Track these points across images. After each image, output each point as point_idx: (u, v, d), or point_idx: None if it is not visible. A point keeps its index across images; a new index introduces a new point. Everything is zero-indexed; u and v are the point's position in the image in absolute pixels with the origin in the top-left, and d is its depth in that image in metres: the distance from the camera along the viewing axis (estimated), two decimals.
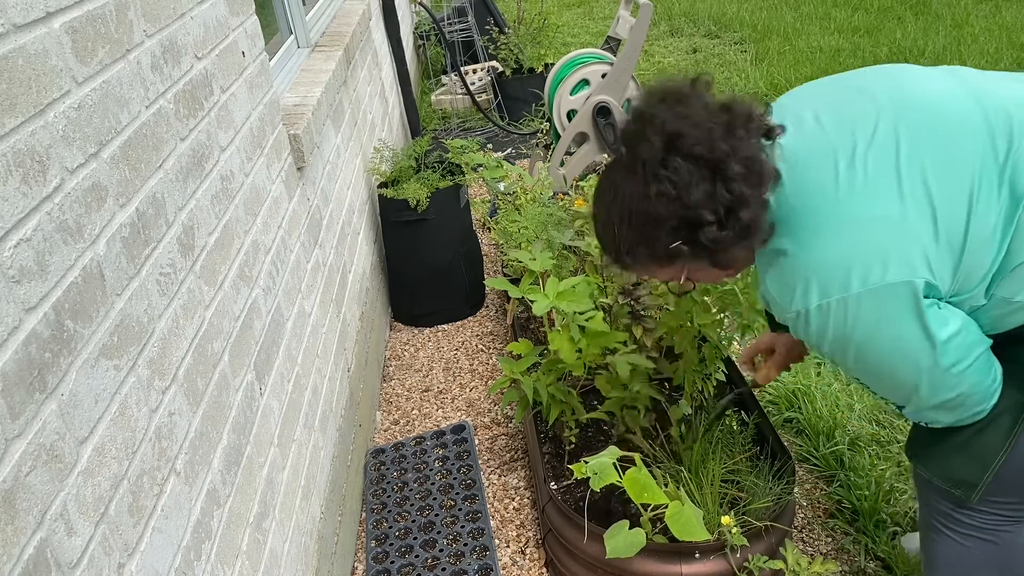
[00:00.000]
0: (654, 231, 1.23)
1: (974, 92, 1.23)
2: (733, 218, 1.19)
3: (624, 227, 1.27)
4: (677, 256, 1.26)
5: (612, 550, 1.63)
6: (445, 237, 3.09)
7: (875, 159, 1.19)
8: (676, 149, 1.19)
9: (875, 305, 1.18)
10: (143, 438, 1.10)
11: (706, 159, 1.18)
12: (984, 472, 1.30)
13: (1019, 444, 1.27)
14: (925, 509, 1.49)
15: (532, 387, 2.09)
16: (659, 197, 1.19)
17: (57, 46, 1.00)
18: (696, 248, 1.23)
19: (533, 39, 5.71)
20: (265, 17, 2.34)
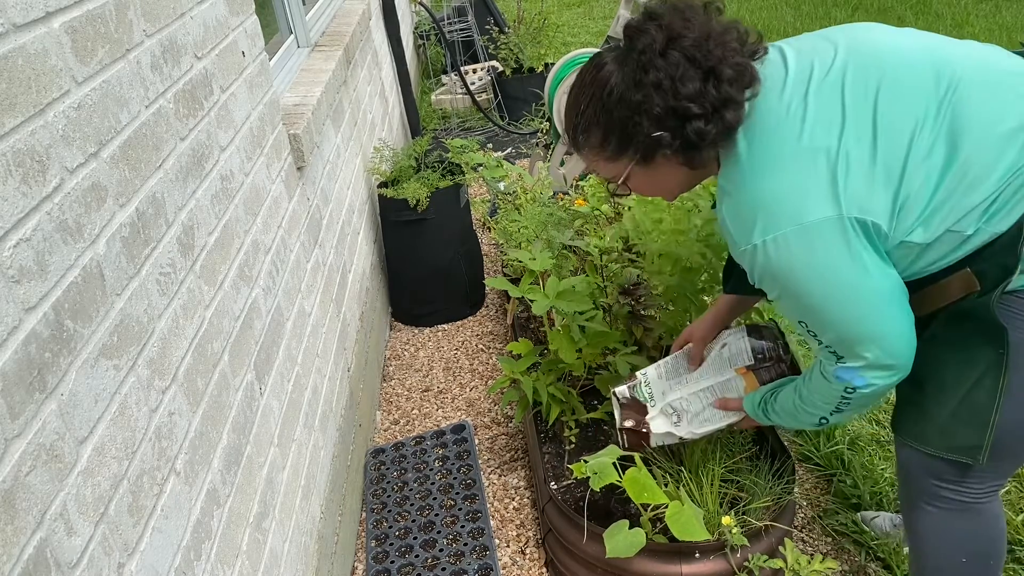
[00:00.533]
0: (636, 117, 1.26)
1: (927, 45, 1.30)
2: (718, 117, 1.25)
3: (595, 109, 1.30)
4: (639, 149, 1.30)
5: (612, 550, 1.63)
6: (445, 237, 3.09)
7: (825, 92, 1.25)
8: (676, 46, 1.25)
9: (807, 242, 1.22)
10: (143, 438, 1.10)
11: (700, 60, 1.24)
12: (985, 430, 1.33)
13: (1008, 399, 1.30)
14: (913, 490, 1.51)
15: (532, 387, 2.09)
16: (653, 86, 1.24)
17: (57, 46, 1.00)
18: (678, 141, 1.26)
19: (533, 39, 5.71)
20: (265, 17, 2.34)
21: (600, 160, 1.37)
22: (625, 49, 1.30)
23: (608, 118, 1.30)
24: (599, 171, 1.41)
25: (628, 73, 1.27)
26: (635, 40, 1.28)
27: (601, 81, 1.29)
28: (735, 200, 1.29)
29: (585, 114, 1.33)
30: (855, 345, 1.28)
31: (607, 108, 1.29)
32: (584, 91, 1.33)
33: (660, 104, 1.24)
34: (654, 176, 1.36)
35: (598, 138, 1.33)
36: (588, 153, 1.38)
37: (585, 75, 1.34)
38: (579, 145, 1.38)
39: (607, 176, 1.41)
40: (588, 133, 1.34)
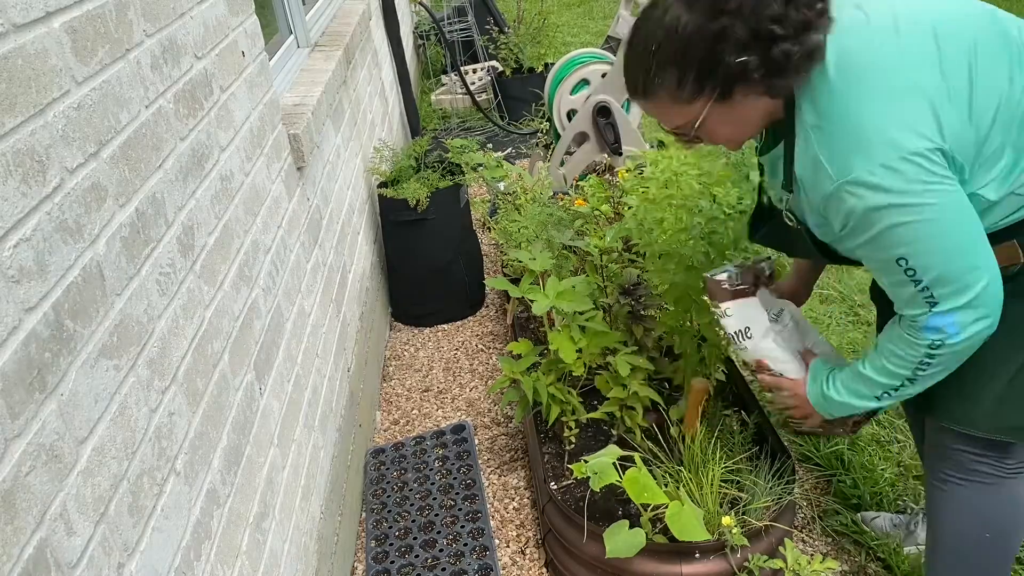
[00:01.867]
0: (719, 46, 1.23)
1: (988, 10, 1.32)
2: (803, 37, 1.22)
3: (669, 49, 1.26)
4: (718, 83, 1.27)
5: (612, 550, 1.63)
6: (445, 237, 3.09)
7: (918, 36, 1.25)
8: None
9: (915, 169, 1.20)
10: (143, 438, 1.10)
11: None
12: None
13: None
14: (949, 465, 1.53)
15: (532, 387, 2.09)
16: (733, 13, 1.21)
17: (57, 46, 1.00)
18: (764, 66, 1.24)
19: (533, 39, 5.71)
20: (265, 17, 2.34)
21: (674, 105, 1.32)
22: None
23: (684, 54, 1.26)
24: (671, 119, 1.37)
25: (702, 5, 1.23)
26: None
27: (671, 22, 1.25)
28: (828, 133, 1.26)
29: (657, 56, 1.28)
30: (965, 274, 1.25)
31: (682, 45, 1.25)
32: (652, 35, 1.29)
33: (742, 29, 1.21)
34: (731, 113, 1.32)
35: (674, 79, 1.28)
36: (661, 99, 1.33)
37: (648, 22, 1.30)
38: (651, 92, 1.32)
39: (680, 122, 1.36)
40: (662, 76, 1.29)
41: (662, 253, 2.11)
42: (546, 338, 2.10)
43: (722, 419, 2.01)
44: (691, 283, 2.06)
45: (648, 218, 2.16)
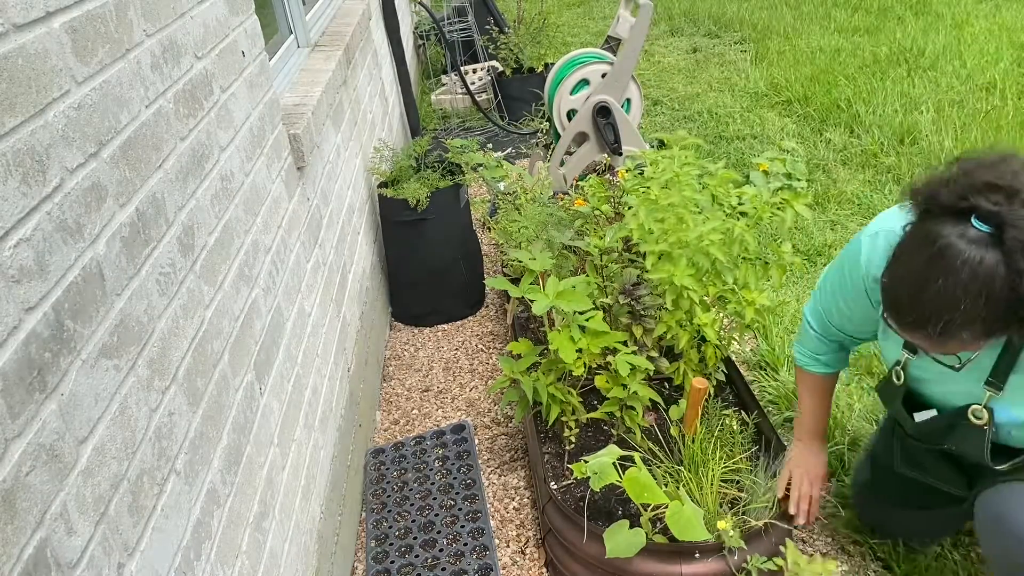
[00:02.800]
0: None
1: None
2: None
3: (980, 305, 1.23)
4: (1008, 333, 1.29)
5: (612, 550, 1.63)
6: (445, 237, 3.09)
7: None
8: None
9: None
10: (143, 438, 1.10)
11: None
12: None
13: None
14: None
15: (532, 387, 2.09)
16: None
17: (57, 46, 1.00)
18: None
19: (533, 39, 5.71)
20: (265, 17, 2.34)
21: (962, 347, 1.33)
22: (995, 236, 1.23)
23: (991, 315, 1.24)
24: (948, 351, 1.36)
25: (1018, 266, 1.20)
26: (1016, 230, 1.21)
27: (987, 277, 1.22)
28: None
29: (968, 312, 1.24)
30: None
31: (995, 304, 1.23)
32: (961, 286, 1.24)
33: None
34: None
35: (978, 332, 1.27)
36: (951, 344, 1.31)
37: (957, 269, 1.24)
38: (946, 338, 1.29)
39: (955, 351, 1.37)
40: (967, 328, 1.27)
41: (661, 254, 2.12)
42: (546, 338, 2.10)
43: (722, 419, 2.01)
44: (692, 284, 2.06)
45: (650, 219, 2.16)
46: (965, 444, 1.54)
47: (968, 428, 1.51)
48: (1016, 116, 4.20)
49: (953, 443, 1.56)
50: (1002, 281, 1.21)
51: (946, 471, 1.68)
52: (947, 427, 1.55)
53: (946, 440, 1.57)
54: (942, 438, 1.58)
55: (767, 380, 2.58)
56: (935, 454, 1.70)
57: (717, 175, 2.32)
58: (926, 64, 5.19)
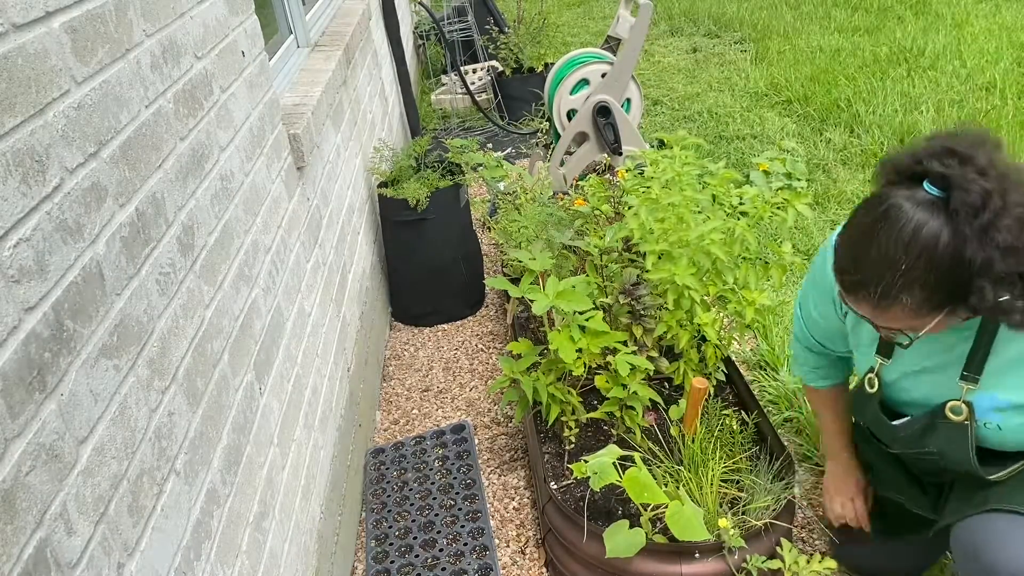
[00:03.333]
0: (979, 281, 1.20)
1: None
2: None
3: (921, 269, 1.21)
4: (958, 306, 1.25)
5: (612, 550, 1.63)
6: (445, 237, 3.09)
7: None
8: (1010, 203, 1.18)
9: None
10: (143, 438, 1.10)
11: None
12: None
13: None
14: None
15: (532, 387, 2.09)
16: (1003, 249, 1.18)
17: (57, 46, 1.00)
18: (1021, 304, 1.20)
19: (533, 39, 5.71)
20: (265, 17, 2.34)
21: (905, 317, 1.29)
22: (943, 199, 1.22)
23: (939, 278, 1.22)
24: (891, 323, 1.32)
25: (965, 231, 1.19)
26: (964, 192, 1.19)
27: (930, 239, 1.20)
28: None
29: (908, 273, 1.22)
30: None
31: (939, 268, 1.21)
32: (902, 246, 1.22)
33: (1006, 269, 1.18)
34: (946, 323, 1.30)
35: (919, 298, 1.24)
36: (895, 310, 1.28)
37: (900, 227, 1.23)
38: (887, 303, 1.27)
39: (900, 327, 1.33)
40: (907, 292, 1.24)
41: (661, 254, 2.12)
42: (546, 338, 2.10)
43: (722, 419, 2.01)
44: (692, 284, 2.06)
45: (650, 219, 2.16)
46: (948, 446, 1.47)
47: (949, 427, 1.45)
48: (1016, 116, 4.20)
49: (935, 446, 1.49)
50: (945, 245, 1.20)
51: (915, 493, 1.65)
52: (926, 428, 1.49)
53: (927, 443, 1.50)
54: (922, 441, 1.51)
55: (767, 380, 2.58)
56: (903, 476, 1.69)
57: (718, 175, 2.32)
58: (926, 64, 5.19)
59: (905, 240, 1.22)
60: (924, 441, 1.51)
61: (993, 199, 1.18)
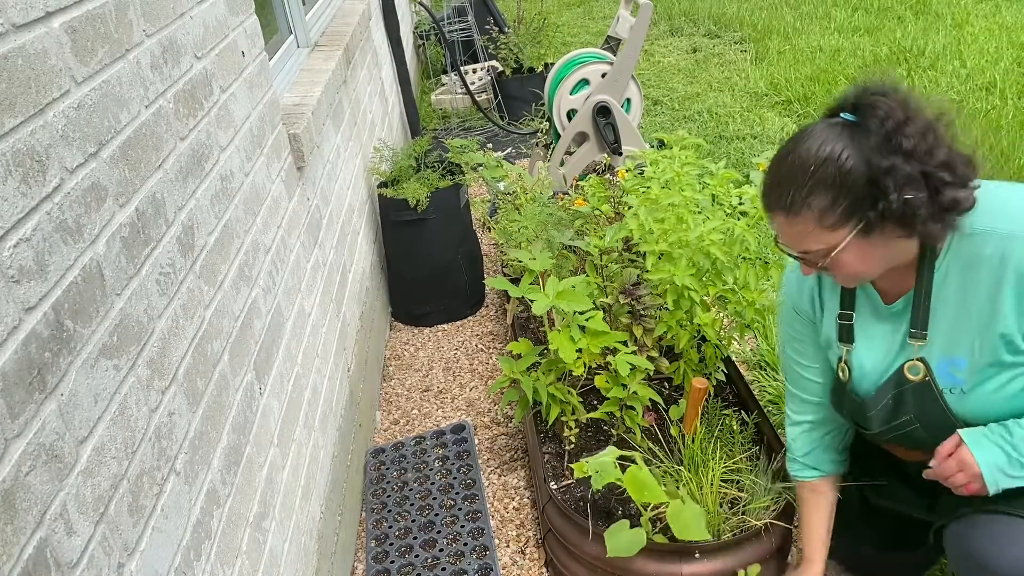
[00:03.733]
0: (885, 181, 1.27)
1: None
2: (966, 189, 1.29)
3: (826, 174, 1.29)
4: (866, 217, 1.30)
5: (613, 549, 1.63)
6: (445, 237, 3.09)
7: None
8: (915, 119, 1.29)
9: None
10: (143, 438, 1.10)
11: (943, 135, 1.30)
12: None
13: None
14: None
15: (532, 387, 2.09)
16: (904, 153, 1.26)
17: (57, 46, 1.00)
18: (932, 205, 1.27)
19: (533, 39, 5.72)
20: (265, 17, 2.34)
21: (815, 229, 1.34)
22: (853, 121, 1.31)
23: (844, 181, 1.29)
24: (806, 242, 1.37)
25: (871, 140, 1.28)
26: (872, 109, 1.29)
27: (835, 149, 1.30)
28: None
29: (816, 175, 1.30)
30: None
31: (844, 172, 1.29)
32: (812, 155, 1.31)
33: (912, 169, 1.26)
34: (868, 249, 1.35)
35: (826, 202, 1.31)
36: (805, 220, 1.34)
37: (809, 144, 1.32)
38: (796, 210, 1.33)
39: (815, 248, 1.37)
40: (815, 195, 1.31)
41: (661, 254, 2.12)
42: (546, 338, 2.10)
43: (722, 419, 2.01)
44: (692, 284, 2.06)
45: (650, 219, 2.16)
46: (922, 409, 1.48)
47: (915, 390, 1.46)
48: (1016, 116, 4.20)
49: (910, 412, 1.50)
50: (851, 155, 1.29)
51: (906, 493, 1.64)
52: (897, 400, 1.50)
53: (902, 412, 1.51)
54: (897, 413, 1.52)
55: (767, 380, 2.58)
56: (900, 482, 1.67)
57: (718, 175, 2.32)
58: (926, 64, 5.19)
59: (814, 151, 1.32)
60: (899, 412, 1.52)
61: (896, 113, 1.28)
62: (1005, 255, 1.31)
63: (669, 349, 2.30)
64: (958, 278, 1.38)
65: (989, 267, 1.33)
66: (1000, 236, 1.32)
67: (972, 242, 1.35)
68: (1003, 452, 1.36)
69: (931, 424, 1.49)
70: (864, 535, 1.81)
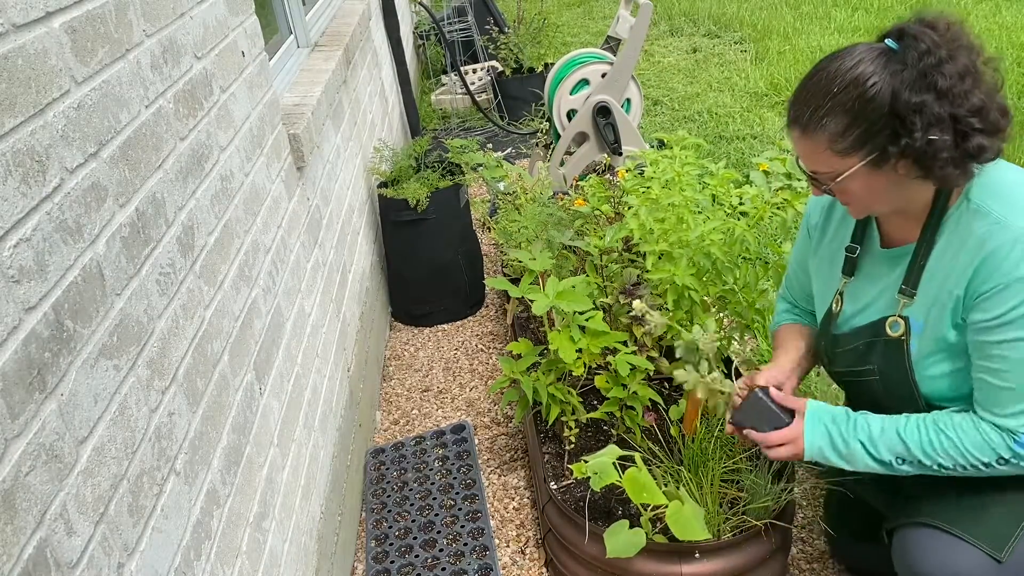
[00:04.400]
0: (912, 118, 1.24)
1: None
2: (995, 137, 1.27)
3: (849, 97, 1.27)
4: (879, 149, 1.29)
5: (612, 550, 1.63)
6: (445, 237, 3.09)
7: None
8: (958, 58, 1.25)
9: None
10: (143, 438, 1.10)
11: (982, 79, 1.26)
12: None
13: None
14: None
15: (532, 387, 2.09)
16: (938, 92, 1.23)
17: (57, 46, 1.00)
18: (956, 149, 1.26)
19: (533, 39, 5.72)
20: (265, 17, 2.34)
21: (826, 151, 1.32)
22: (895, 50, 1.28)
23: (864, 108, 1.27)
24: (816, 162, 1.36)
25: (905, 73, 1.25)
26: (915, 40, 1.26)
27: (866, 72, 1.27)
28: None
29: (836, 96, 1.28)
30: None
31: (866, 98, 1.26)
32: (839, 76, 1.29)
33: (939, 111, 1.23)
34: (877, 181, 1.33)
35: (841, 126, 1.29)
36: (818, 139, 1.32)
37: (843, 62, 1.30)
38: (810, 129, 1.32)
39: (824, 170, 1.36)
40: (832, 117, 1.29)
41: (661, 254, 2.12)
42: (546, 338, 2.10)
43: (722, 419, 2.01)
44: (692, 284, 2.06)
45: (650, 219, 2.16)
46: (887, 365, 1.49)
47: (887, 344, 1.46)
48: (1016, 116, 4.19)
49: (874, 363, 1.51)
50: (880, 82, 1.26)
51: (872, 488, 1.64)
52: (869, 346, 1.50)
53: (868, 360, 1.52)
54: (865, 359, 1.53)
55: None
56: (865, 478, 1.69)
57: (718, 175, 2.32)
58: None
59: (844, 71, 1.29)
60: (866, 359, 1.52)
61: (940, 50, 1.25)
62: (986, 241, 1.30)
63: (669, 349, 2.30)
64: (953, 247, 1.37)
65: (973, 246, 1.33)
66: (991, 220, 1.31)
67: (970, 217, 1.34)
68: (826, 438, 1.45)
69: (890, 380, 1.50)
70: (842, 523, 1.85)
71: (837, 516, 1.88)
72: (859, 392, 1.62)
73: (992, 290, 1.28)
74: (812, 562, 1.98)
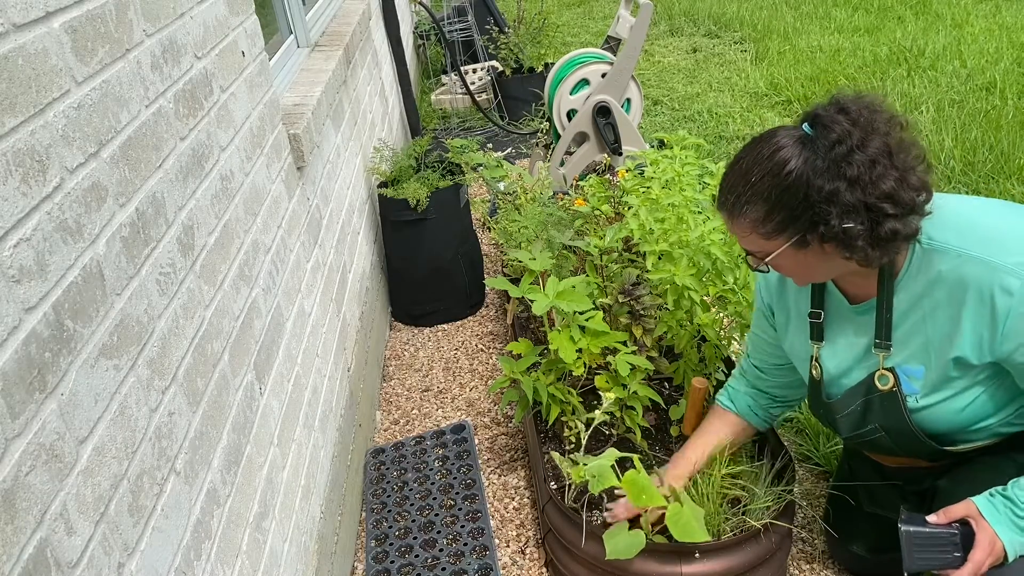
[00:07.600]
0: (825, 207, 1.27)
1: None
2: (908, 219, 1.29)
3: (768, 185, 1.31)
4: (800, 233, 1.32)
5: (612, 551, 1.63)
6: (445, 237, 3.09)
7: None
8: (871, 144, 1.28)
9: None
10: (143, 438, 1.10)
11: (895, 161, 1.28)
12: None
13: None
14: None
15: (532, 387, 2.09)
16: (850, 180, 1.26)
17: (57, 45, 1.00)
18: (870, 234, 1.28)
19: (533, 39, 5.72)
20: (265, 17, 2.34)
21: (752, 234, 1.38)
22: (810, 136, 1.32)
23: (781, 197, 1.31)
24: (745, 243, 1.42)
25: (818, 162, 1.28)
26: (826, 130, 1.29)
27: (781, 161, 1.31)
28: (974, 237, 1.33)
29: (755, 186, 1.33)
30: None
31: (782, 187, 1.30)
32: (758, 164, 1.33)
33: (854, 197, 1.26)
34: (805, 259, 1.37)
35: (760, 212, 1.34)
36: (742, 224, 1.38)
37: (762, 149, 1.34)
38: (736, 214, 1.37)
39: (753, 250, 1.41)
40: (752, 205, 1.34)
41: (661, 254, 2.11)
42: (546, 338, 2.10)
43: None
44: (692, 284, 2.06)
45: (650, 219, 2.16)
46: (887, 419, 1.50)
47: (882, 400, 1.48)
48: (1016, 116, 4.20)
49: (876, 421, 1.52)
50: (794, 169, 1.29)
51: (896, 501, 1.65)
52: (865, 408, 1.52)
53: (869, 421, 1.53)
54: (865, 421, 1.54)
55: None
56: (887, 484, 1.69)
57: (718, 175, 2.32)
58: (926, 64, 5.19)
59: (762, 159, 1.33)
60: (866, 419, 1.54)
61: (852, 138, 1.27)
62: (963, 278, 1.32)
63: (669, 349, 2.30)
64: (920, 291, 1.39)
65: (947, 286, 1.34)
66: (953, 254, 1.33)
67: (930, 257, 1.36)
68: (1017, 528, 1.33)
69: (895, 432, 1.52)
70: (856, 535, 1.84)
71: (840, 521, 1.87)
72: (872, 449, 1.66)
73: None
74: (812, 562, 1.98)
